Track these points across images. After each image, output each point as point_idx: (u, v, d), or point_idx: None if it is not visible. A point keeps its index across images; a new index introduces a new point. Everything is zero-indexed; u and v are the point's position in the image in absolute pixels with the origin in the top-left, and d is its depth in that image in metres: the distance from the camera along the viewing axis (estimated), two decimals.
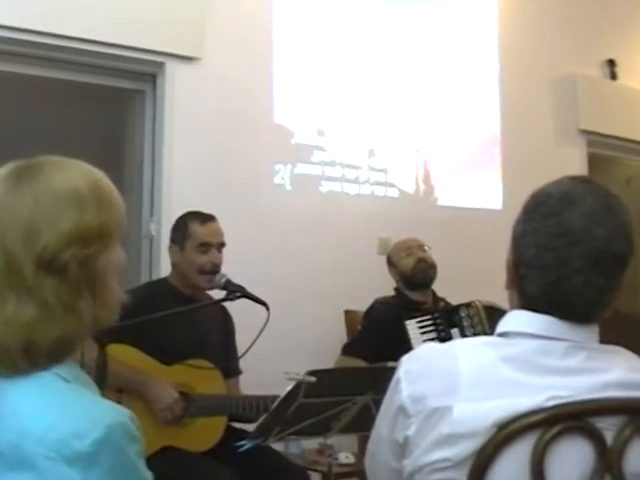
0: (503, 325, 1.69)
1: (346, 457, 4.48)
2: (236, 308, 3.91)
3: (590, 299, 1.62)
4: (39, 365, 1.43)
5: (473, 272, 5.56)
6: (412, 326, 4.44)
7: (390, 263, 5.01)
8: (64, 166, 1.55)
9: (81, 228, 1.48)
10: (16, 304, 1.43)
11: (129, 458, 1.38)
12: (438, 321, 4.47)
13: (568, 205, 1.62)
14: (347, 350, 4.72)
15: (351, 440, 4.59)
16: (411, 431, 1.59)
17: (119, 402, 3.47)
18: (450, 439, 1.53)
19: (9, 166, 1.54)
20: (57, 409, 1.38)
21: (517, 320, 1.66)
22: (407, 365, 1.67)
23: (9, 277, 1.43)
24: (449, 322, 4.46)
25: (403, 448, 1.63)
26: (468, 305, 4.45)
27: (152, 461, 1.56)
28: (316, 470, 4.33)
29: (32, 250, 1.43)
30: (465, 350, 1.64)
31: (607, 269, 1.61)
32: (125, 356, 3.55)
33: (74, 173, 1.54)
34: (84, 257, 1.48)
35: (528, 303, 1.67)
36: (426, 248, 4.95)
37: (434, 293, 4.94)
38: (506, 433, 1.50)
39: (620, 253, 1.62)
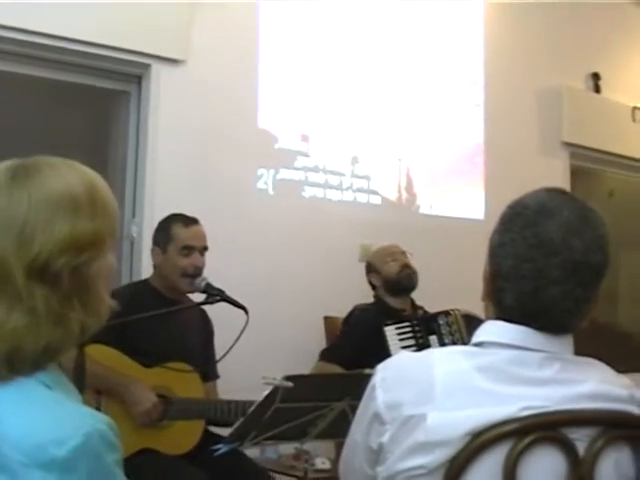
0: (479, 335, 1.70)
1: (322, 463, 4.48)
2: (215, 312, 3.92)
3: (567, 309, 1.63)
4: (21, 373, 1.42)
5: (453, 281, 5.58)
6: (391, 332, 4.45)
7: (372, 269, 5.01)
8: (61, 168, 1.52)
9: (75, 235, 1.45)
10: (5, 311, 1.41)
11: (107, 466, 1.38)
12: (417, 328, 4.49)
13: (545, 216, 1.63)
14: (325, 356, 4.72)
15: (328, 446, 4.59)
16: (385, 438, 1.60)
17: (98, 403, 3.47)
18: (424, 447, 1.53)
19: (4, 165, 1.51)
20: (36, 415, 1.37)
21: (492, 330, 1.68)
22: (383, 372, 1.68)
23: (1, 282, 1.42)
24: (427, 329, 4.48)
25: (377, 455, 1.63)
26: (447, 313, 4.48)
27: (129, 463, 1.55)
28: (292, 475, 4.33)
29: (24, 256, 1.41)
30: (440, 359, 1.65)
31: (584, 280, 1.62)
32: (104, 357, 3.54)
33: (71, 176, 1.51)
34: (76, 265, 1.46)
35: (504, 314, 1.67)
36: (408, 255, 4.97)
37: (413, 301, 4.96)
38: (479, 442, 1.51)
39: (597, 264, 1.63)
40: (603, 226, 1.67)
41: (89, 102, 5.21)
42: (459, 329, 4.40)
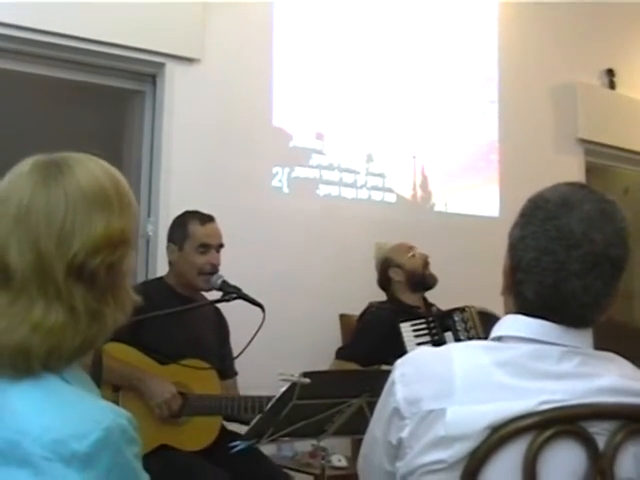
0: (498, 329, 1.70)
1: (339, 460, 4.47)
2: (232, 309, 3.93)
3: (587, 303, 1.63)
4: (54, 369, 1.42)
5: (469, 278, 5.56)
6: (406, 329, 4.45)
7: (392, 264, 4.93)
8: (88, 164, 1.53)
9: (109, 234, 1.47)
10: (45, 308, 1.41)
11: (127, 460, 1.39)
12: (432, 325, 4.48)
13: (566, 210, 1.64)
14: (341, 354, 4.72)
15: (344, 443, 4.59)
16: (405, 433, 1.60)
17: (116, 400, 3.49)
18: (444, 441, 1.54)
19: (32, 161, 1.51)
20: (57, 410, 1.38)
21: (512, 324, 1.68)
22: (402, 368, 1.68)
23: (40, 280, 1.41)
24: (443, 326, 4.47)
25: (397, 450, 1.64)
26: (462, 310, 4.47)
27: (148, 459, 1.55)
28: (309, 473, 4.33)
29: (65, 255, 1.42)
30: (460, 354, 1.65)
31: (604, 273, 1.62)
32: (121, 355, 3.56)
33: (99, 172, 1.52)
34: (111, 262, 1.47)
35: (524, 307, 1.68)
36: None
37: (426, 299, 4.94)
38: (499, 436, 1.51)
39: (617, 258, 1.63)
40: (623, 220, 1.67)
41: (104, 102, 5.23)
42: (474, 326, 4.39)
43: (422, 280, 4.87)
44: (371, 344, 4.51)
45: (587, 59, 7.02)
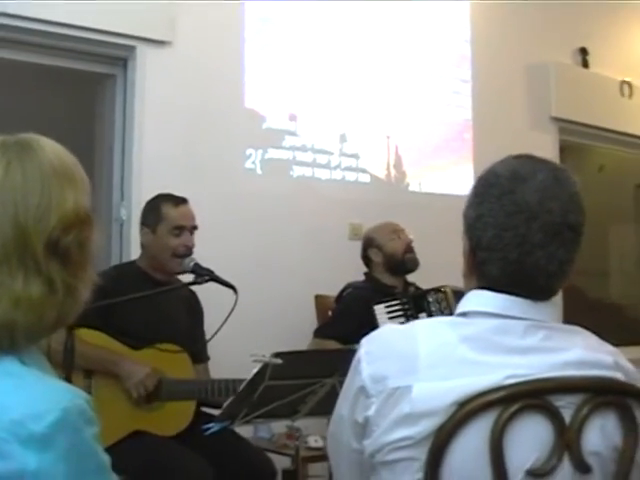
0: (463, 305, 1.70)
1: (315, 441, 4.47)
2: (205, 292, 3.92)
3: (552, 272, 1.64)
4: (31, 344, 1.44)
5: (444, 257, 5.51)
6: (380, 311, 4.45)
7: (373, 244, 4.96)
8: (52, 144, 1.53)
9: (77, 210, 1.47)
10: (24, 281, 1.41)
11: (85, 440, 1.37)
12: (406, 306, 4.48)
13: (519, 182, 1.66)
14: (320, 333, 4.72)
15: (321, 423, 4.57)
16: (371, 411, 1.60)
17: (88, 387, 3.47)
18: (410, 418, 1.54)
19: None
20: (14, 391, 1.36)
21: (476, 300, 1.68)
22: (367, 346, 1.68)
23: (20, 253, 1.41)
24: (417, 307, 4.47)
25: (364, 428, 1.63)
26: (437, 290, 4.47)
27: (123, 445, 1.53)
28: (286, 454, 4.33)
29: (44, 230, 1.42)
30: (425, 330, 1.66)
31: (566, 241, 1.64)
32: (93, 340, 3.54)
33: (61, 151, 1.53)
34: (80, 240, 1.48)
35: (489, 285, 1.68)
36: (409, 235, 4.98)
37: (405, 279, 4.95)
38: (465, 411, 1.52)
39: (576, 224, 1.65)
40: (576, 184, 1.69)
41: (75, 86, 5.20)
42: (449, 306, 4.38)
43: (401, 264, 4.89)
44: (350, 324, 4.49)
45: (560, 38, 7.03)
